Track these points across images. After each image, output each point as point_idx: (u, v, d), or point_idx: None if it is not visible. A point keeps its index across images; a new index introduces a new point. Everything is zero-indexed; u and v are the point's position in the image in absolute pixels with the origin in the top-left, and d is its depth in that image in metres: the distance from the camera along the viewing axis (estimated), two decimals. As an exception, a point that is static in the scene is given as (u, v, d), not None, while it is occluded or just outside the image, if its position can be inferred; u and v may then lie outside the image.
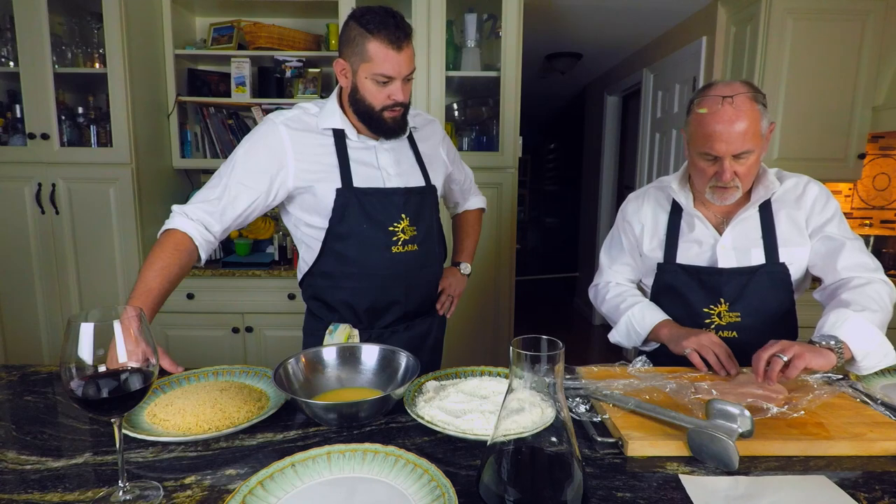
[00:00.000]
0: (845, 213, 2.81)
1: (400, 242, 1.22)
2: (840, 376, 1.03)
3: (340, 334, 1.21)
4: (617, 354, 4.01)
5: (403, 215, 1.22)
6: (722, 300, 1.17)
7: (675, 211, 1.24)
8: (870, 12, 2.43)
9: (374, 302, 1.25)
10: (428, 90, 2.36)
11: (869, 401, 0.93)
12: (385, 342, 1.22)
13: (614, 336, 1.31)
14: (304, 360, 0.99)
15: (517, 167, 2.49)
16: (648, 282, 1.30)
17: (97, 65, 2.29)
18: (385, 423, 0.88)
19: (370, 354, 1.03)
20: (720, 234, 1.19)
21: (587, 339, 4.32)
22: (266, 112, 2.56)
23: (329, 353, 1.02)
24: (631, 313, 1.25)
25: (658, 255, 1.25)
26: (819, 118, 2.52)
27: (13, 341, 2.38)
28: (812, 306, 1.24)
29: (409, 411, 0.87)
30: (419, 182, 1.27)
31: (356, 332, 1.22)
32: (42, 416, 0.90)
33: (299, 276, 1.33)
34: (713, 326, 1.18)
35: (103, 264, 2.33)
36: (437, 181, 1.34)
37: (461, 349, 2.51)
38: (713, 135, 1.07)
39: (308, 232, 1.24)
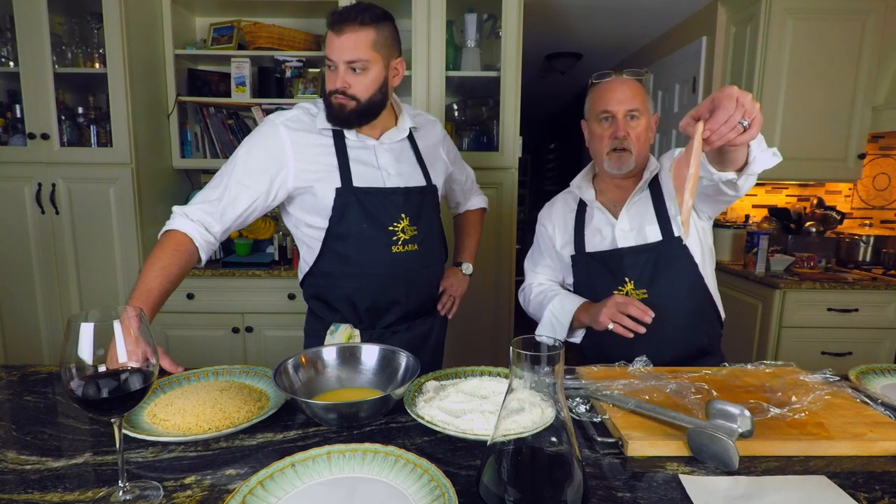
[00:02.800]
0: (845, 213, 2.81)
1: (400, 242, 1.22)
2: (839, 377, 1.03)
3: (342, 334, 1.21)
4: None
5: (403, 215, 1.22)
6: (626, 279, 1.23)
7: (581, 208, 1.35)
8: (870, 12, 2.43)
9: (375, 302, 1.25)
10: (428, 90, 2.36)
11: (869, 401, 0.93)
12: (386, 342, 1.21)
13: (540, 332, 1.34)
14: (304, 360, 0.99)
15: (517, 167, 2.50)
16: (570, 280, 1.36)
17: (97, 65, 2.29)
18: (385, 423, 0.88)
19: (370, 354, 1.03)
20: (616, 218, 1.27)
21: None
22: (266, 112, 2.56)
23: (329, 353, 1.02)
24: (552, 305, 1.31)
25: (570, 251, 1.33)
26: (819, 118, 2.52)
27: (13, 341, 2.38)
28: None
29: (409, 411, 0.87)
30: (420, 182, 1.27)
31: (357, 332, 1.22)
32: (42, 416, 0.90)
33: (300, 276, 1.33)
34: None
35: (103, 264, 2.33)
36: (438, 181, 1.34)
37: (461, 349, 2.51)
38: (607, 94, 1.22)
39: (308, 232, 1.24)
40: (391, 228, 1.20)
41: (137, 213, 2.30)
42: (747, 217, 2.96)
